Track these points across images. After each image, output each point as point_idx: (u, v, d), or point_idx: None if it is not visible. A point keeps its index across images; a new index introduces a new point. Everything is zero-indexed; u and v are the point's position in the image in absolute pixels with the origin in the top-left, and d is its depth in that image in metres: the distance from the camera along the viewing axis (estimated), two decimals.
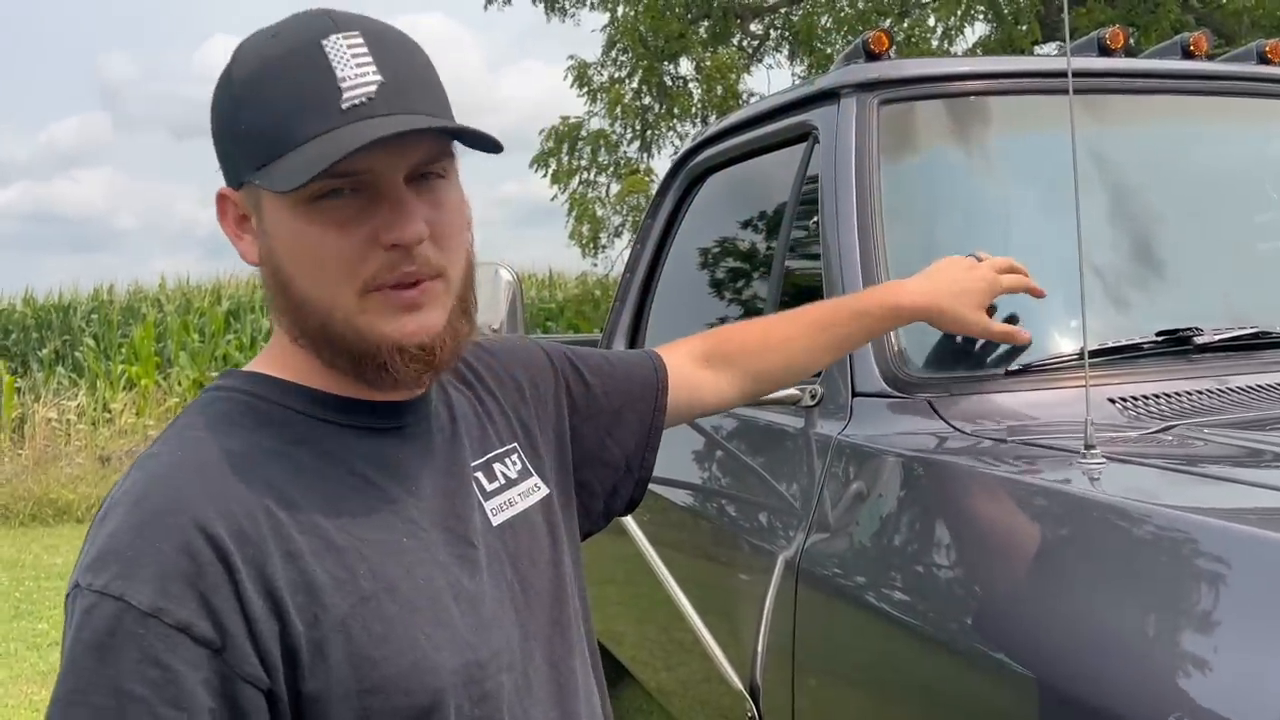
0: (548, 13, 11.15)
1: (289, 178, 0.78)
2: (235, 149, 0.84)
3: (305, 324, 0.84)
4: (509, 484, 0.97)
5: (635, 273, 2.44)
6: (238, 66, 0.83)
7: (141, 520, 0.77)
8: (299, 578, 0.79)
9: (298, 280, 0.83)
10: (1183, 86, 1.87)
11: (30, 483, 7.84)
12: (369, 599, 0.80)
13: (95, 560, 0.77)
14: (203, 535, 0.76)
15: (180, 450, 0.82)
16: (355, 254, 0.81)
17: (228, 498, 0.79)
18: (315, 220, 0.81)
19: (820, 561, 1.38)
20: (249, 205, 0.85)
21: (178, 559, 0.75)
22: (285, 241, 0.82)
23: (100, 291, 13.56)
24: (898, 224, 1.62)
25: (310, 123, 0.79)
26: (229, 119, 0.83)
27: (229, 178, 0.86)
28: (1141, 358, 1.50)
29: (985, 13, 9.30)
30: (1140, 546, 1.01)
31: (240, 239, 0.87)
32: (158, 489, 0.79)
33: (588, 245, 10.98)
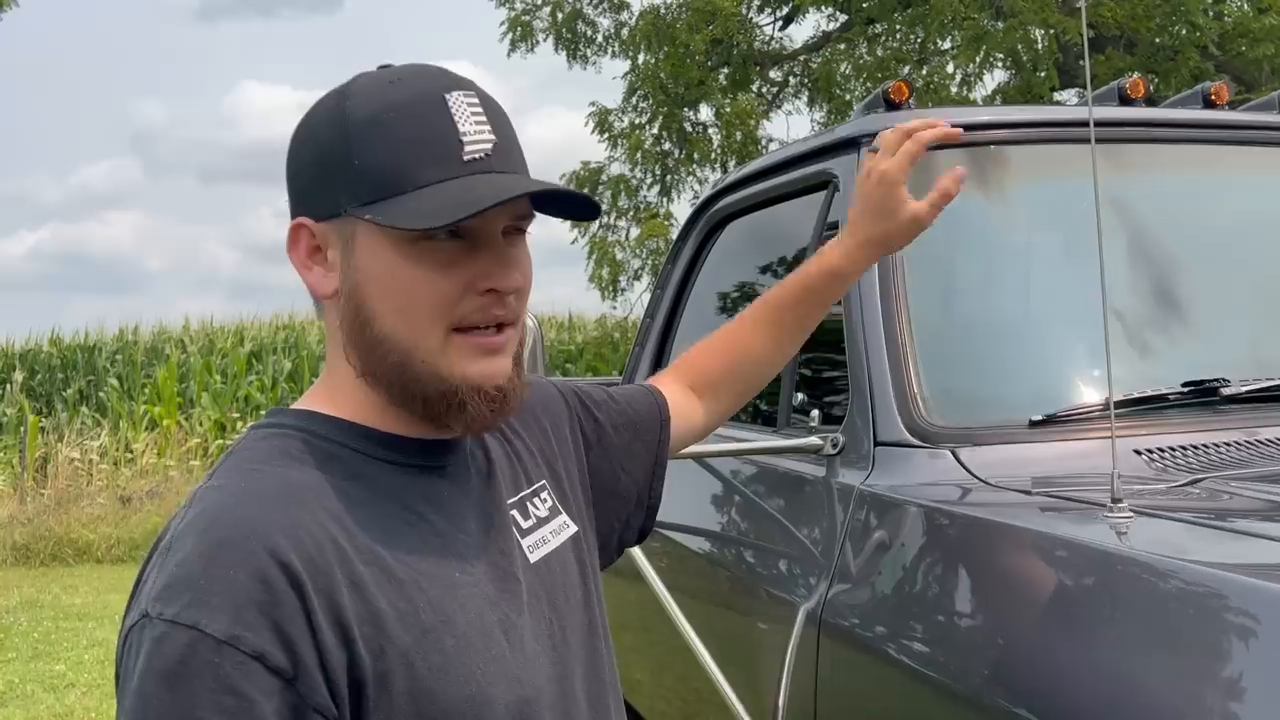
0: (570, 60, 11.32)
1: (417, 217, 0.82)
2: (339, 182, 0.85)
3: (382, 360, 0.86)
4: (541, 522, 0.98)
5: (655, 317, 2.44)
6: (354, 105, 0.85)
7: (212, 549, 0.77)
8: (365, 609, 0.79)
9: (384, 316, 0.85)
10: (1205, 136, 1.87)
11: (51, 522, 7.87)
12: (429, 632, 0.82)
13: (165, 590, 0.76)
14: (276, 563, 0.77)
15: (243, 481, 0.83)
16: (451, 296, 0.85)
17: (296, 526, 0.79)
18: (415, 259, 0.84)
19: (843, 613, 1.36)
20: (335, 238, 0.86)
21: (252, 587, 0.76)
22: (378, 277, 0.84)
23: (125, 332, 13.73)
24: (918, 272, 1.61)
25: (432, 169, 0.83)
26: (338, 153, 0.85)
27: (316, 209, 0.87)
28: (1168, 408, 1.49)
29: (1004, 60, 9.36)
30: (1168, 603, 0.99)
31: (310, 270, 0.88)
32: (226, 518, 0.79)
33: (607, 288, 11.03)
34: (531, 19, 11.14)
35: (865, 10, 9.84)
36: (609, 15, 11.34)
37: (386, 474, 0.87)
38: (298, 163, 0.88)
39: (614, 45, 11.27)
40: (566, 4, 11.17)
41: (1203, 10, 8.73)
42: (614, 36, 11.28)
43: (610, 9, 11.33)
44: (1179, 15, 8.75)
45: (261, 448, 0.86)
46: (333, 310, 0.88)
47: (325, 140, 0.86)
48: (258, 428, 0.89)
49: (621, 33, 11.17)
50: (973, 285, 1.70)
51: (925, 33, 9.44)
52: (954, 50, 9.39)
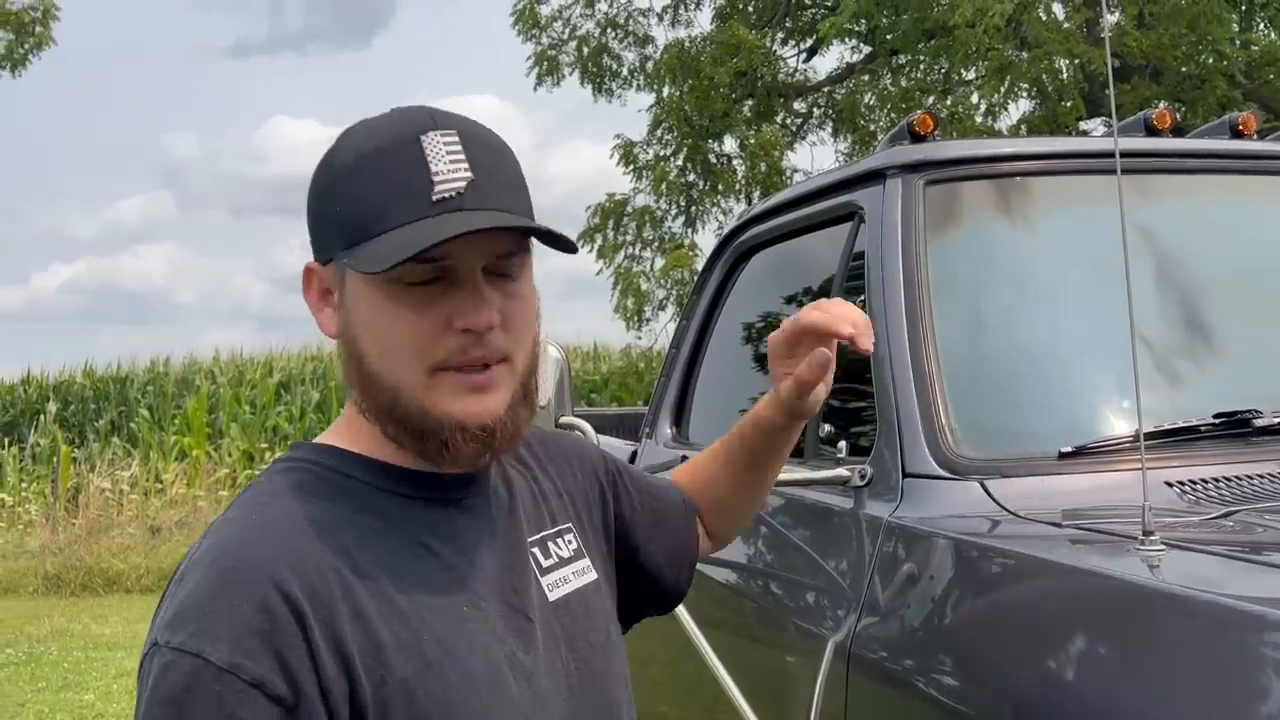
0: (595, 93, 11.43)
1: (376, 260, 0.83)
2: (327, 228, 0.89)
3: (374, 398, 0.88)
4: (563, 562, 0.98)
5: (681, 348, 2.45)
6: (338, 154, 0.89)
7: (218, 579, 0.80)
8: (367, 639, 0.81)
9: (371, 356, 0.87)
10: (1233, 166, 1.86)
11: (82, 552, 7.94)
12: (432, 664, 0.82)
13: (173, 619, 0.79)
14: (278, 593, 0.79)
15: (253, 514, 0.85)
16: (429, 335, 0.85)
17: (301, 558, 0.81)
18: (394, 301, 0.86)
19: (872, 646, 1.35)
20: (333, 281, 0.90)
21: (254, 616, 0.78)
22: (363, 318, 0.87)
23: (156, 364, 13.90)
24: (945, 303, 1.61)
25: (401, 211, 0.84)
26: (324, 200, 0.89)
27: (318, 254, 0.91)
28: (1199, 440, 1.47)
29: (1029, 89, 9.36)
30: (1202, 638, 0.98)
31: (321, 311, 0.91)
32: (233, 549, 0.82)
33: (632, 319, 11.06)
34: (558, 53, 11.27)
35: (889, 41, 9.88)
36: (634, 49, 11.46)
37: (398, 507, 0.88)
38: (308, 208, 0.92)
39: (639, 79, 11.38)
40: (592, 38, 11.30)
41: (1229, 39, 8.70)
42: (639, 70, 11.39)
43: (635, 43, 11.45)
44: (1205, 44, 8.73)
45: (277, 481, 0.88)
46: (338, 350, 0.91)
47: (316, 189, 0.90)
48: (278, 461, 0.92)
49: (646, 66, 11.28)
50: (1001, 315, 1.69)
51: (949, 63, 9.47)
52: (978, 81, 9.41)
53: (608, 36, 11.38)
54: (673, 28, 11.28)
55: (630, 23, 11.43)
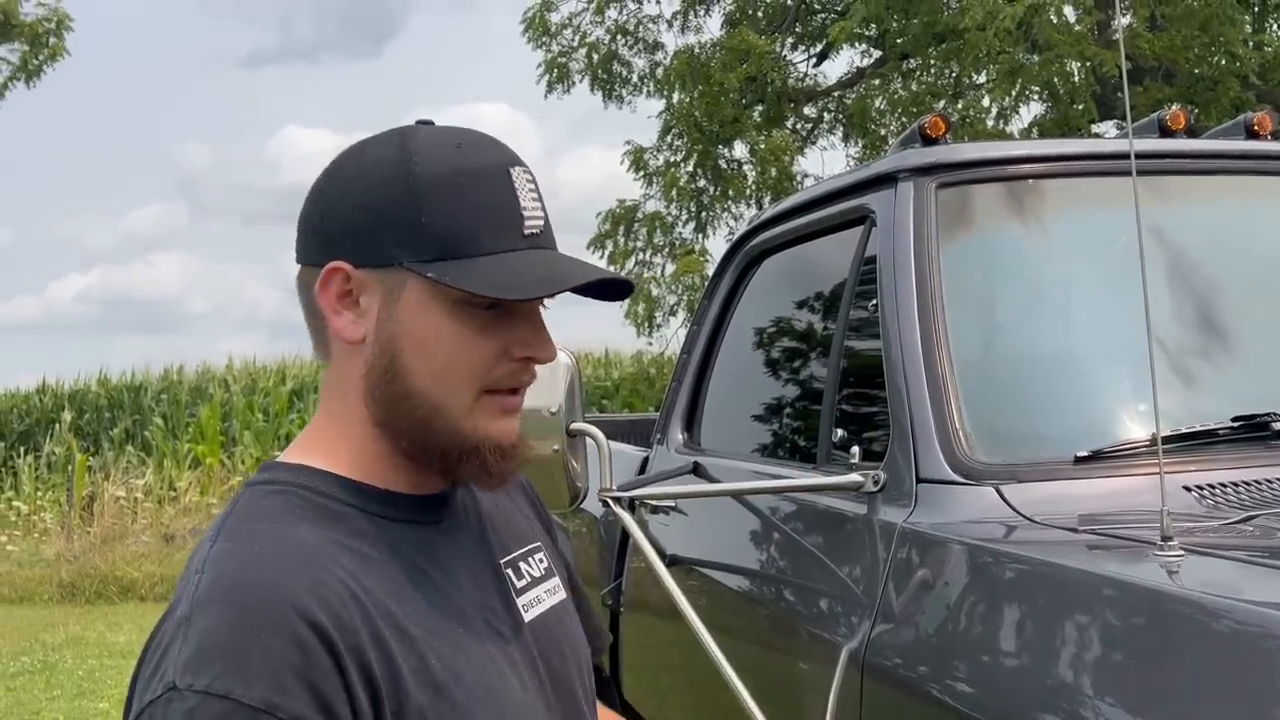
0: (605, 100, 11.44)
1: (497, 287, 0.84)
2: (399, 234, 0.85)
3: (407, 414, 0.86)
4: (535, 582, 0.98)
5: (692, 353, 2.44)
6: (422, 162, 0.86)
7: (240, 615, 0.76)
8: (386, 667, 0.79)
9: (418, 373, 0.85)
10: (1248, 167, 1.84)
11: (97, 560, 7.98)
12: (441, 689, 0.81)
13: (194, 660, 0.74)
14: (307, 624, 0.76)
15: (253, 542, 0.82)
16: (488, 360, 0.87)
17: (320, 585, 0.79)
18: (460, 322, 0.86)
19: (886, 653, 1.34)
20: (376, 286, 0.86)
21: (286, 651, 0.75)
22: (419, 334, 0.85)
23: (170, 372, 13.97)
24: (958, 306, 1.60)
25: (494, 238, 0.86)
26: (401, 206, 0.85)
27: (359, 254, 0.86)
28: (1217, 444, 1.45)
29: (1041, 93, 9.33)
30: (1222, 644, 0.97)
31: (339, 314, 0.87)
32: (250, 582, 0.78)
33: (643, 324, 11.06)
34: (568, 60, 11.29)
35: (899, 46, 9.86)
36: (644, 55, 11.47)
37: (386, 530, 0.86)
38: (338, 204, 0.87)
39: (649, 85, 11.38)
40: (602, 45, 11.31)
41: (1242, 40, 8.65)
42: (649, 76, 11.40)
43: (645, 49, 11.46)
44: (1218, 46, 8.68)
45: (263, 506, 0.85)
46: (353, 357, 0.87)
47: (386, 191, 0.86)
48: (254, 485, 0.87)
49: (656, 72, 11.28)
50: (1015, 319, 1.68)
51: (960, 67, 9.45)
52: (989, 84, 9.38)
53: (617, 43, 11.39)
54: (682, 34, 11.29)
55: (640, 29, 11.44)
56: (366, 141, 0.90)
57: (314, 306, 0.89)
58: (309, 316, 0.91)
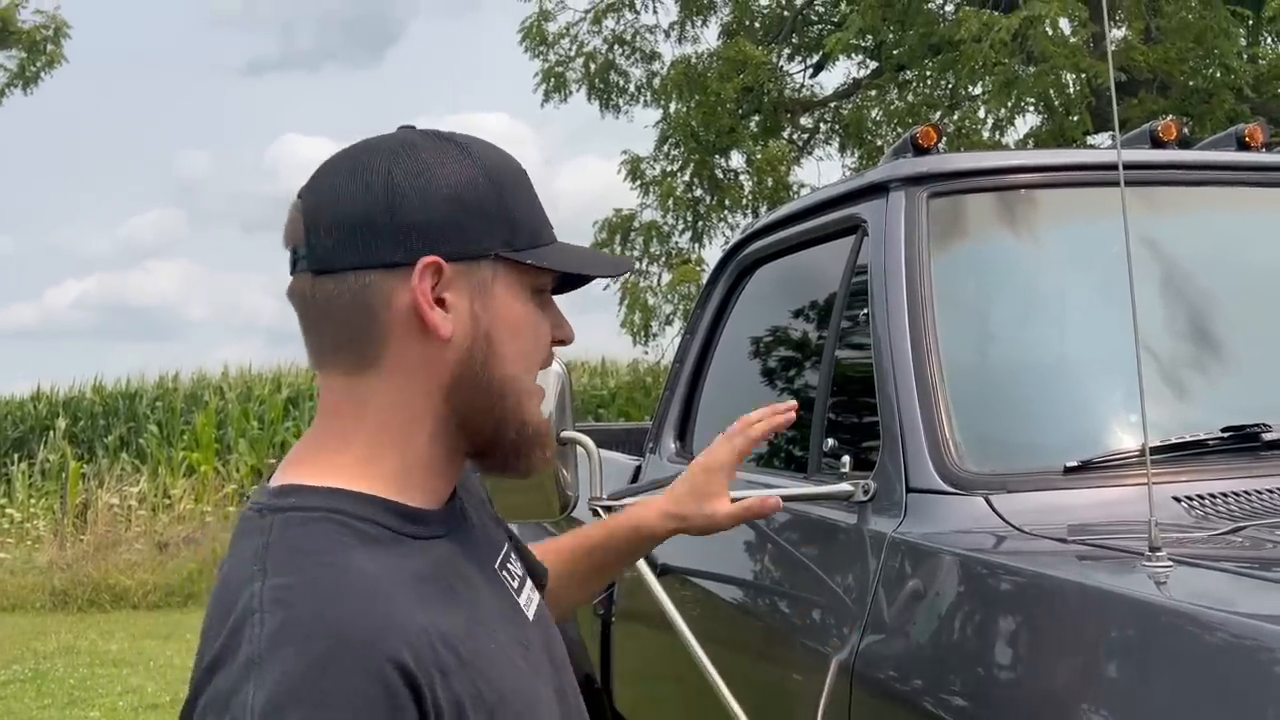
0: (602, 110, 11.46)
1: (586, 268, 0.93)
2: (491, 226, 0.87)
3: (495, 404, 0.88)
4: (522, 580, 0.98)
5: (685, 362, 2.44)
6: (489, 160, 0.89)
7: (321, 658, 0.73)
8: (451, 697, 0.77)
9: (511, 360, 0.88)
10: (1240, 178, 1.85)
11: (90, 568, 7.94)
12: (494, 712, 0.80)
13: (272, 704, 0.71)
14: (390, 664, 0.74)
15: (318, 577, 0.78)
16: (546, 342, 0.93)
17: (394, 620, 0.76)
18: (535, 307, 0.91)
19: (876, 664, 1.33)
20: (464, 280, 0.86)
21: (371, 691, 0.72)
22: (510, 320, 0.88)
23: (166, 379, 13.94)
24: (949, 317, 1.60)
25: (549, 229, 0.93)
26: (491, 199, 0.87)
27: (451, 248, 0.85)
28: (1207, 454, 1.45)
29: (1036, 104, 9.36)
30: (1210, 655, 0.96)
31: (433, 310, 0.85)
32: (325, 619, 0.74)
33: (639, 333, 11.06)
34: (565, 70, 11.32)
35: (895, 57, 9.89)
36: (641, 65, 11.50)
37: (420, 548, 0.84)
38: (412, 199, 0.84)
39: (646, 94, 11.41)
40: (599, 55, 11.34)
41: (1237, 53, 8.69)
42: (646, 86, 11.42)
43: (642, 59, 11.49)
44: (1212, 58, 8.72)
45: (308, 535, 0.80)
46: (438, 354, 0.86)
47: (471, 184, 0.87)
48: (282, 511, 0.82)
49: (653, 82, 11.31)
50: (1005, 329, 1.68)
51: (956, 79, 9.48)
52: (985, 95, 9.41)
53: (615, 53, 11.42)
54: (679, 44, 11.33)
55: (637, 39, 11.47)
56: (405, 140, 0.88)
57: (369, 311, 0.84)
58: (349, 324, 0.85)
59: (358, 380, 0.86)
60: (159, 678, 5.63)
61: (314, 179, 0.89)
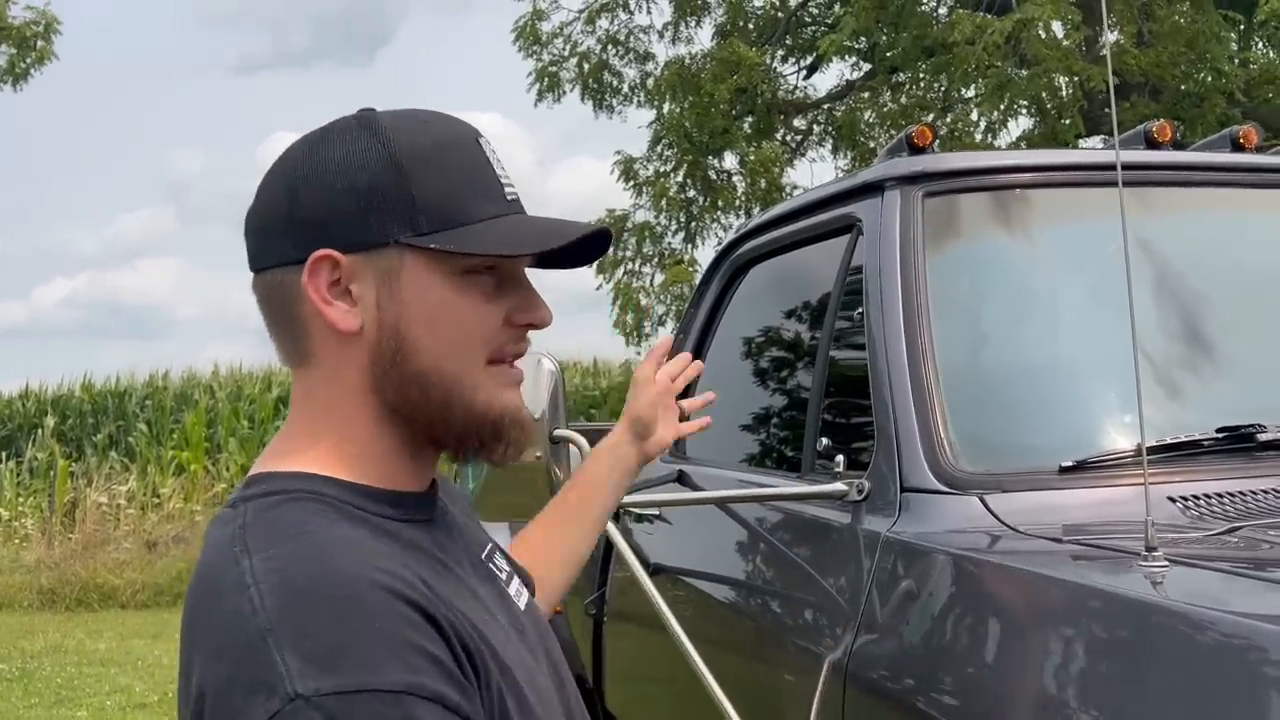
0: (596, 110, 11.45)
1: (503, 246, 0.84)
2: (391, 212, 0.82)
3: (422, 397, 0.83)
4: (510, 576, 0.96)
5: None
6: (399, 140, 0.84)
7: (335, 607, 0.71)
8: (463, 642, 0.76)
9: (430, 350, 0.83)
10: (1234, 179, 1.85)
11: (78, 567, 7.91)
12: (503, 671, 0.79)
13: (309, 666, 0.69)
14: (404, 602, 0.73)
15: (304, 543, 0.76)
16: (493, 329, 0.86)
17: (391, 568, 0.75)
18: (464, 291, 0.84)
19: (869, 664, 1.33)
20: (369, 271, 0.83)
21: (400, 630, 0.71)
22: (424, 310, 0.83)
23: (155, 378, 13.87)
24: (944, 316, 1.60)
25: (485, 205, 0.86)
26: (389, 184, 0.83)
27: (346, 239, 0.82)
28: (1202, 455, 1.45)
29: (1029, 107, 9.38)
30: (1206, 655, 0.96)
31: (331, 305, 0.82)
32: (326, 576, 0.73)
33: (631, 334, 11.05)
34: (558, 69, 11.31)
35: (889, 59, 9.91)
36: (635, 66, 11.50)
37: (401, 530, 0.83)
38: (312, 193, 0.83)
39: (639, 95, 11.41)
40: (593, 55, 11.33)
41: (1228, 57, 8.73)
42: (639, 86, 11.42)
43: (636, 60, 11.49)
44: (1204, 62, 8.76)
45: (283, 514, 0.79)
46: (351, 349, 0.84)
47: (370, 170, 0.83)
48: (254, 499, 0.81)
49: (647, 83, 11.31)
50: (1000, 328, 1.68)
51: (949, 81, 9.50)
52: (978, 98, 9.43)
53: (608, 53, 11.42)
54: (673, 45, 11.32)
55: (631, 40, 11.47)
56: (322, 131, 0.86)
57: (288, 308, 0.84)
58: (280, 322, 0.86)
59: (302, 373, 0.86)
60: (147, 677, 5.60)
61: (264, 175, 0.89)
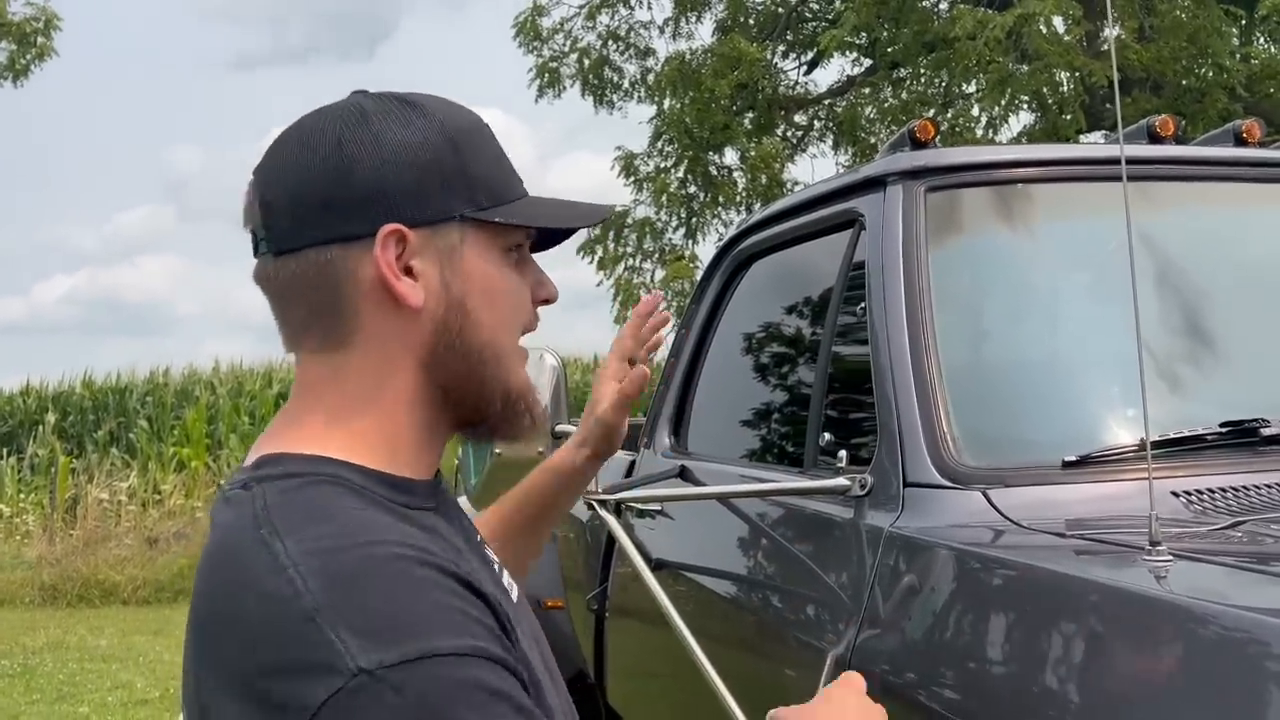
0: (596, 106, 11.45)
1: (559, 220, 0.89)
2: (453, 187, 0.83)
3: (475, 370, 0.84)
4: (501, 565, 0.95)
5: (679, 357, 2.43)
6: (445, 117, 0.85)
7: (385, 584, 0.71)
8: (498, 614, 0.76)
9: (488, 324, 0.85)
10: (1237, 174, 1.84)
11: (79, 563, 7.91)
12: (529, 649, 0.80)
13: (368, 642, 0.67)
14: (447, 575, 0.73)
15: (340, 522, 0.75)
16: (528, 303, 0.90)
17: (426, 544, 0.75)
18: (508, 268, 0.87)
19: (872, 659, 1.32)
20: (431, 246, 0.82)
21: (450, 599, 0.71)
22: (485, 284, 0.85)
23: (156, 375, 13.88)
24: (946, 311, 1.59)
25: (517, 183, 0.89)
26: (448, 159, 0.83)
27: (414, 214, 0.81)
28: (1206, 449, 1.45)
29: (1030, 102, 9.38)
30: (1210, 649, 0.96)
31: (400, 280, 0.81)
32: (369, 555, 0.72)
33: None
34: (559, 65, 11.30)
35: (889, 55, 9.90)
36: (635, 61, 11.50)
37: (419, 517, 0.82)
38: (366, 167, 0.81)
39: (640, 91, 11.41)
40: (593, 50, 11.33)
41: (1230, 52, 8.72)
42: (640, 82, 11.42)
43: (636, 55, 11.48)
44: (1206, 57, 8.75)
45: (309, 495, 0.77)
46: (410, 325, 0.82)
47: (427, 145, 0.83)
48: (272, 480, 0.78)
49: (647, 78, 11.31)
50: (1003, 323, 1.68)
51: (950, 76, 9.49)
52: (979, 93, 9.42)
53: (609, 49, 11.41)
54: (674, 40, 11.33)
55: (631, 35, 11.47)
56: (357, 109, 0.84)
57: (332, 287, 0.81)
58: (317, 302, 0.82)
59: (332, 356, 0.83)
60: (148, 673, 5.61)
61: (267, 155, 0.85)
